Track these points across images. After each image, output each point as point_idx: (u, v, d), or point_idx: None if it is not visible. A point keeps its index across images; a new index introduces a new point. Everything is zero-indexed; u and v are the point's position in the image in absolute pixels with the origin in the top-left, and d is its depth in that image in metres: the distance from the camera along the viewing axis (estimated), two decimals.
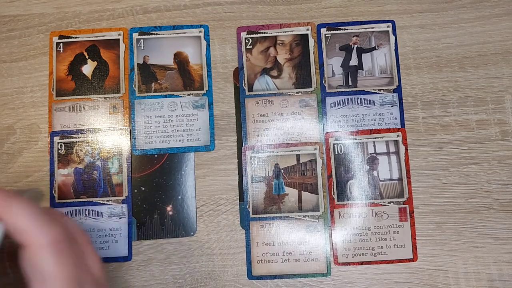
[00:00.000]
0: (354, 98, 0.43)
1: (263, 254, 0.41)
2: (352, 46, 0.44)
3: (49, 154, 0.43)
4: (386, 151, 0.42)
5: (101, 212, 0.42)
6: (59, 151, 0.42)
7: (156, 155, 0.43)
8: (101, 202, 0.42)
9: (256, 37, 0.44)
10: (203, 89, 0.44)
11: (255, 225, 0.41)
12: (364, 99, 0.43)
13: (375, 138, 0.42)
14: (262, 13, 0.45)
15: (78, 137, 0.43)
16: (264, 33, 0.44)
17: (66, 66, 0.44)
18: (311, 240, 0.41)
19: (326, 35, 0.44)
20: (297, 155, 0.42)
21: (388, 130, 0.42)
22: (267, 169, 0.42)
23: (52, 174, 0.42)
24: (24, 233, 0.21)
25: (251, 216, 0.42)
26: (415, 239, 0.41)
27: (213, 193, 0.42)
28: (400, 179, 0.42)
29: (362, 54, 0.44)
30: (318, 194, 0.42)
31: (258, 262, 0.41)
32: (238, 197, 0.42)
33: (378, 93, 0.43)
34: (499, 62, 0.44)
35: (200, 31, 0.44)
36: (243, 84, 0.44)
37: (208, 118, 0.43)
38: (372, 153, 0.42)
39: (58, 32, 0.45)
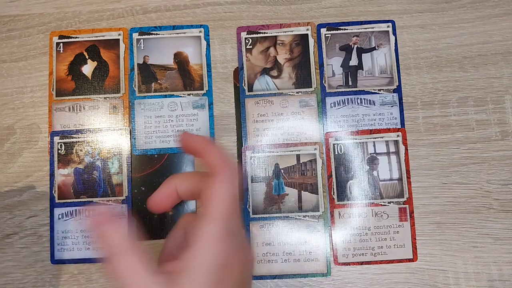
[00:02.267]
0: (354, 98, 0.43)
1: (263, 254, 0.41)
2: (352, 46, 0.44)
3: (49, 154, 0.43)
4: (386, 151, 0.42)
5: None
6: (59, 151, 0.42)
7: (156, 155, 0.43)
8: (101, 202, 0.42)
9: (256, 37, 0.44)
10: (203, 89, 0.44)
11: (255, 225, 0.41)
12: (364, 99, 0.43)
13: (375, 138, 0.42)
14: (262, 13, 0.45)
15: (78, 137, 0.43)
16: (264, 33, 0.44)
17: (66, 66, 0.44)
18: (311, 240, 0.41)
19: (326, 35, 0.44)
20: (297, 155, 0.42)
21: (388, 130, 0.42)
22: (267, 169, 0.42)
23: (52, 174, 0.42)
24: (216, 166, 0.27)
25: (251, 216, 0.42)
26: (415, 239, 0.41)
27: None
28: (400, 179, 0.42)
29: (362, 54, 0.44)
30: (318, 194, 0.42)
31: (258, 262, 0.41)
32: (238, 197, 0.42)
33: (378, 93, 0.43)
34: (499, 62, 0.44)
35: (200, 31, 0.44)
36: (243, 84, 0.44)
37: (208, 118, 0.43)
38: (372, 153, 0.42)
39: (58, 32, 0.45)
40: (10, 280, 0.41)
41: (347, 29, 0.44)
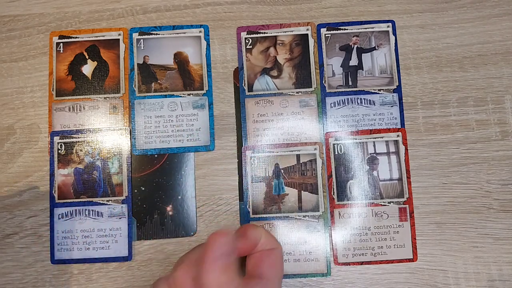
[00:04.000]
0: (354, 98, 0.43)
1: None
2: (352, 46, 0.44)
3: (49, 154, 0.43)
4: (386, 151, 0.42)
5: (101, 212, 0.42)
6: (59, 151, 0.42)
7: (156, 155, 0.43)
8: (101, 202, 0.42)
9: (256, 37, 0.44)
10: (203, 89, 0.44)
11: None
12: (364, 99, 0.43)
13: (375, 138, 0.42)
14: (262, 13, 0.45)
15: (78, 137, 0.43)
16: (264, 33, 0.44)
17: (66, 66, 0.44)
18: (311, 240, 0.41)
19: (326, 35, 0.44)
20: (297, 155, 0.42)
21: (388, 130, 0.42)
22: (267, 169, 0.42)
23: (52, 174, 0.42)
24: (270, 243, 0.32)
25: (251, 216, 0.42)
26: (415, 239, 0.41)
27: (213, 193, 0.42)
28: (400, 179, 0.42)
29: (362, 54, 0.44)
30: (318, 194, 0.42)
31: None
32: (238, 197, 0.42)
33: (378, 93, 0.43)
34: (499, 62, 0.44)
35: (200, 31, 0.44)
36: (243, 84, 0.44)
37: (208, 118, 0.43)
38: (372, 153, 0.42)
39: (58, 32, 0.45)
40: (10, 280, 0.41)
41: (347, 29, 0.44)
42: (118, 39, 0.44)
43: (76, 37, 0.44)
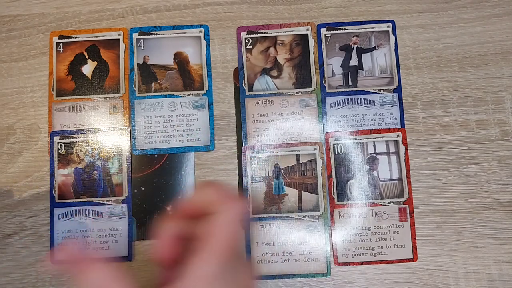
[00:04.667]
0: (354, 98, 0.43)
1: (263, 254, 0.41)
2: (352, 46, 0.44)
3: (49, 154, 0.43)
4: (386, 151, 0.42)
5: (101, 212, 0.42)
6: (59, 151, 0.42)
7: (156, 155, 0.43)
8: (101, 202, 0.42)
9: (256, 37, 0.44)
10: (203, 89, 0.44)
11: (255, 225, 0.41)
12: (364, 99, 0.43)
13: (375, 138, 0.42)
14: (262, 13, 0.45)
15: (78, 137, 0.43)
16: (264, 33, 0.44)
17: (66, 66, 0.44)
18: (311, 240, 0.41)
19: (326, 35, 0.44)
20: (297, 155, 0.42)
21: (388, 130, 0.42)
22: (267, 169, 0.42)
23: (52, 174, 0.42)
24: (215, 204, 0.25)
25: (251, 216, 0.42)
26: (415, 239, 0.41)
27: None
28: (400, 179, 0.42)
29: (362, 54, 0.44)
30: (318, 194, 0.42)
31: (258, 262, 0.41)
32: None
33: (378, 93, 0.43)
34: (499, 62, 0.44)
35: (200, 31, 0.44)
36: (243, 84, 0.44)
37: (208, 118, 0.43)
38: (372, 153, 0.42)
39: (58, 32, 0.45)
40: (10, 280, 0.41)
41: (347, 29, 0.44)
42: (118, 39, 0.44)
43: (76, 37, 0.44)
